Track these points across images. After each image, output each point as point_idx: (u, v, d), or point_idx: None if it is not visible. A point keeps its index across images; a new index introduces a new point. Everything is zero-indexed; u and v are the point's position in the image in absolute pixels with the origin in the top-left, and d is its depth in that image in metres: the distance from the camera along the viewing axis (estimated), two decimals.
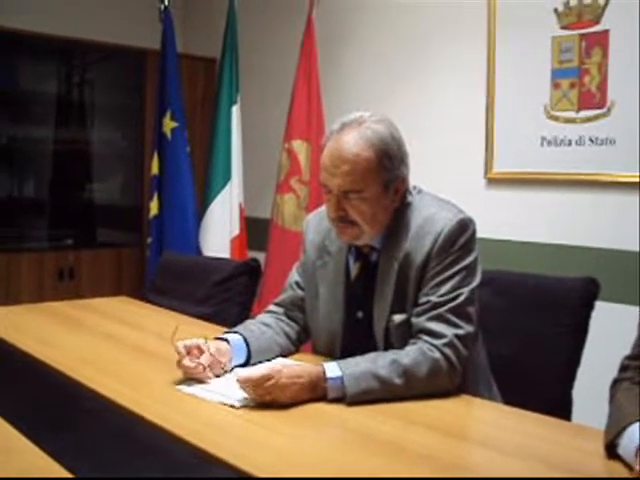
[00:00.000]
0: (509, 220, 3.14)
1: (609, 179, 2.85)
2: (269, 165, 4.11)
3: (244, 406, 1.50)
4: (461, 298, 1.64)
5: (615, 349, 1.49)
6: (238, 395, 1.53)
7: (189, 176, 4.05)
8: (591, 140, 2.91)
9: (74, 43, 4.27)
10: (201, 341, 1.70)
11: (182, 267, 2.88)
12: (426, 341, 1.63)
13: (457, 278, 1.66)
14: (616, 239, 2.84)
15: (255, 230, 4.17)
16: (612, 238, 2.86)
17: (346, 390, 1.54)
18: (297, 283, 1.96)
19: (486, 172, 3.26)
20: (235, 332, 1.81)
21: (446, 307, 1.64)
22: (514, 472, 1.23)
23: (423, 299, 1.67)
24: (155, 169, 4.06)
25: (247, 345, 1.78)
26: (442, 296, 1.64)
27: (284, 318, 1.95)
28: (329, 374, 1.56)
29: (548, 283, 1.98)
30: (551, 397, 1.79)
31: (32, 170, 4.40)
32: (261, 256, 3.58)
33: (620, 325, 2.15)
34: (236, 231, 4.05)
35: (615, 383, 1.39)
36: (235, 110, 4.07)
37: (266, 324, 1.89)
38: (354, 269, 1.81)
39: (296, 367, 1.59)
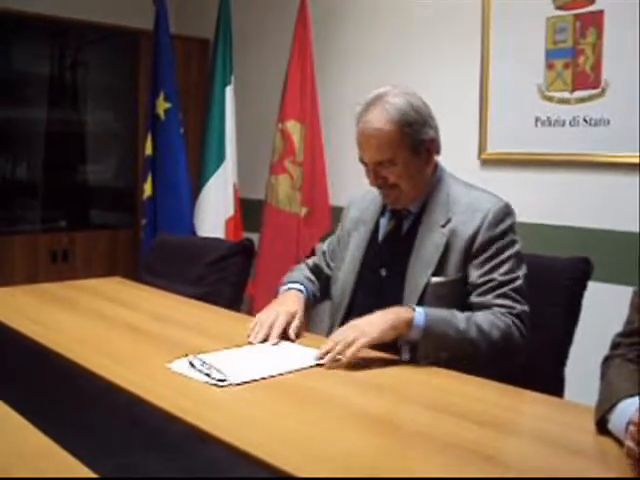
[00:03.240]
0: None
1: (603, 159, 2.86)
2: (263, 146, 4.10)
3: (230, 384, 1.51)
4: (519, 282, 1.79)
5: (610, 329, 1.50)
6: (227, 373, 1.54)
7: (183, 157, 4.04)
8: (585, 120, 2.91)
9: (67, 23, 4.23)
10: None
11: (176, 248, 2.88)
12: (498, 311, 1.75)
13: (512, 261, 1.81)
14: (609, 219, 2.85)
15: (249, 211, 4.17)
16: (606, 218, 2.86)
17: (427, 329, 1.68)
18: (324, 252, 2.19)
19: (480, 152, 3.26)
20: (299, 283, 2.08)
21: (510, 286, 1.78)
22: (508, 449, 1.25)
23: (484, 278, 1.79)
24: (149, 150, 4.04)
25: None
26: (504, 275, 1.79)
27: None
28: (417, 309, 1.70)
29: (541, 263, 1.99)
30: (544, 375, 1.81)
31: (25, 152, 4.36)
32: (256, 237, 3.58)
33: (614, 305, 2.15)
34: (231, 212, 4.05)
35: (607, 360, 1.40)
36: (229, 91, 4.06)
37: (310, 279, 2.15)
38: (386, 227, 1.97)
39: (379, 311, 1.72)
